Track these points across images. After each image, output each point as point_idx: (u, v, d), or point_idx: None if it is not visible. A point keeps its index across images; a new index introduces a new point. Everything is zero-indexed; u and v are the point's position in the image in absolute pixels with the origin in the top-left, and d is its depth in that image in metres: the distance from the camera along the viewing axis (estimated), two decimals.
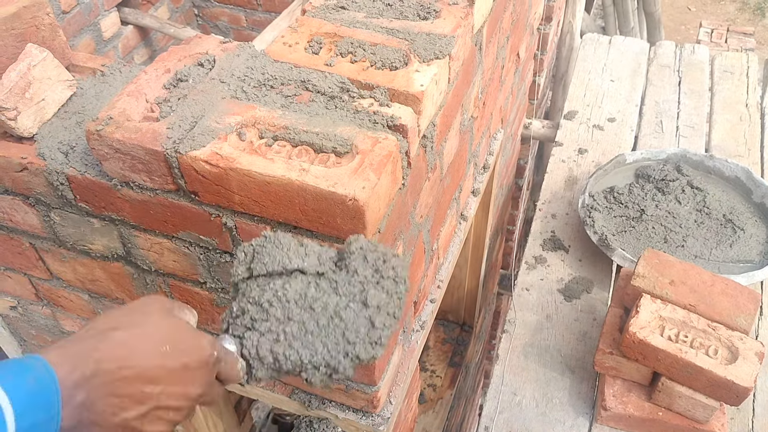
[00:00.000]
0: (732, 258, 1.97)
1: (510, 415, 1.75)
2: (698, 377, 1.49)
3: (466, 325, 2.79)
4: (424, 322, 1.42)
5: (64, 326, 1.50)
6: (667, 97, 2.73)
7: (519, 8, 1.81)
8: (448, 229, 1.53)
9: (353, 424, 1.27)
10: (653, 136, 2.56)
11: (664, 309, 1.56)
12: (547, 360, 1.86)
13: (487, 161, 1.86)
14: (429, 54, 1.08)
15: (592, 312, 1.97)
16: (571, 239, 2.19)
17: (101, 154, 1.00)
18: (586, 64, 2.92)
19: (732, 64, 2.89)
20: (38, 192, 1.13)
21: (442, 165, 1.31)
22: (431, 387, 2.64)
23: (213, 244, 1.06)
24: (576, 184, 2.39)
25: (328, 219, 0.91)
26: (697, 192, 2.13)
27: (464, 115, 1.39)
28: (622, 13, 4.83)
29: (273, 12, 3.14)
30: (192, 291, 1.19)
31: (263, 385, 1.32)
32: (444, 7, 1.18)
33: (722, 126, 2.60)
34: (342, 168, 0.90)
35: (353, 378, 1.15)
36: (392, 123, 0.98)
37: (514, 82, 2.05)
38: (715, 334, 1.52)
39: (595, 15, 5.61)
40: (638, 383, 1.65)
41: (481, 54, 1.41)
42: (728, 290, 1.61)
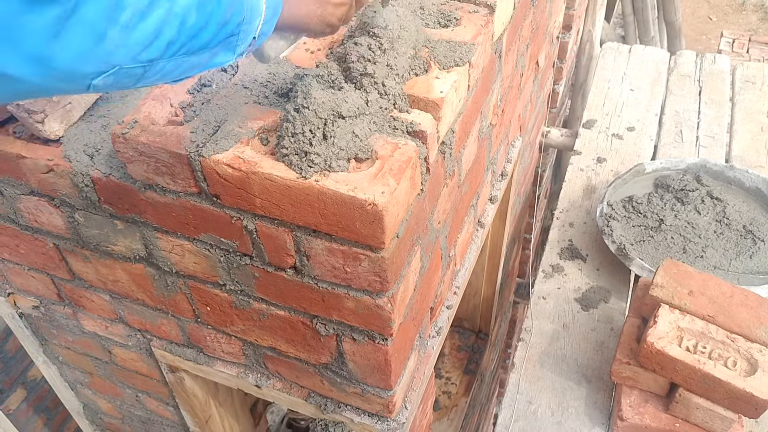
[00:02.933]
0: (752, 269, 1.95)
1: (525, 423, 1.74)
2: (716, 389, 1.48)
3: (481, 333, 2.79)
4: (440, 328, 1.43)
5: (85, 326, 1.52)
6: (687, 107, 2.71)
7: (539, 16, 1.82)
8: (465, 236, 1.54)
9: (368, 428, 1.28)
10: (673, 146, 2.54)
11: (682, 320, 1.55)
12: (563, 369, 1.85)
13: (505, 169, 1.86)
14: (449, 61, 1.09)
15: (609, 322, 1.96)
16: (588, 248, 2.18)
17: (126, 156, 1.02)
18: (606, 73, 2.92)
19: (753, 74, 2.87)
20: (63, 193, 1.15)
21: (461, 171, 1.31)
22: (446, 394, 2.64)
23: (233, 247, 1.08)
24: (594, 193, 2.38)
25: (347, 223, 0.92)
26: (717, 202, 2.11)
27: (483, 122, 1.40)
28: (642, 22, 4.81)
29: None
30: (212, 293, 1.21)
31: (277, 388, 1.33)
32: (464, 14, 1.19)
33: (743, 136, 2.58)
34: (362, 173, 0.91)
35: None
36: (412, 129, 0.99)
37: (533, 90, 2.06)
38: (734, 346, 1.51)
39: (615, 24, 5.58)
40: (655, 394, 1.64)
41: (501, 62, 1.42)
42: (748, 302, 1.59)
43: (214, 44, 0.69)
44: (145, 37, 0.62)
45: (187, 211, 1.06)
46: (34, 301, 1.53)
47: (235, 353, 1.34)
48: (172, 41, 0.64)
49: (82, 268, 1.33)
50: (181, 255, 1.16)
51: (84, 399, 1.92)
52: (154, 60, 0.64)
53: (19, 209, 1.25)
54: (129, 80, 0.65)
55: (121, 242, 1.20)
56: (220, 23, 0.67)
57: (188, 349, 1.41)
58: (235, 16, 0.69)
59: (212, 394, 1.67)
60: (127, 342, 1.50)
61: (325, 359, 1.21)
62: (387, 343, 1.09)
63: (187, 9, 0.64)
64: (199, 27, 0.66)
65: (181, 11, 0.63)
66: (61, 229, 1.25)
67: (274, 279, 1.09)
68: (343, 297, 1.05)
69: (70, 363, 1.75)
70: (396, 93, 1.02)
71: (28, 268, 1.42)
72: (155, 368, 1.55)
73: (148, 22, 0.61)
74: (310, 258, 1.02)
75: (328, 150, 0.92)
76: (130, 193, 1.08)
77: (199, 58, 0.69)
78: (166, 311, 1.33)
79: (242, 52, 0.74)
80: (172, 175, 1.01)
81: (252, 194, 0.96)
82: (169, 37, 0.64)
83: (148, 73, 0.65)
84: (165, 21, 0.63)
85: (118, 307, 1.40)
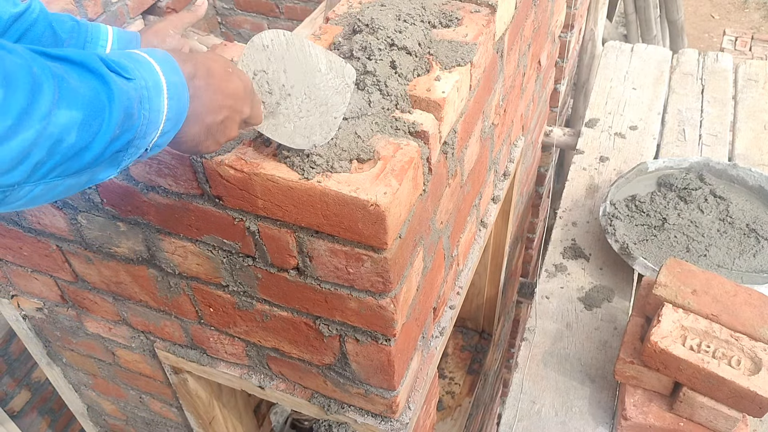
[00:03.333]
0: (755, 268, 1.95)
1: (529, 423, 1.74)
2: (720, 388, 1.48)
3: (485, 333, 2.79)
4: (443, 328, 1.42)
5: (89, 328, 1.53)
6: (690, 106, 2.71)
7: (541, 16, 1.82)
8: (468, 236, 1.54)
9: (372, 428, 1.28)
10: (675, 145, 2.54)
11: (686, 319, 1.55)
12: (566, 369, 1.85)
13: (507, 168, 1.86)
14: (451, 61, 1.08)
15: (612, 321, 1.96)
16: (591, 247, 2.18)
17: None
18: (608, 72, 2.91)
19: (756, 72, 2.86)
20: None
21: (463, 171, 1.31)
22: (450, 394, 2.64)
23: (236, 248, 1.08)
24: (597, 192, 2.38)
25: (349, 224, 0.92)
26: (720, 201, 2.11)
27: (485, 122, 1.40)
28: (644, 20, 4.80)
29: (295, 20, 3.17)
30: (214, 294, 1.21)
31: (282, 389, 1.34)
32: (466, 14, 1.19)
33: (746, 134, 2.58)
34: (364, 174, 0.91)
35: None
36: (414, 129, 0.99)
37: (535, 89, 2.05)
38: (738, 345, 1.50)
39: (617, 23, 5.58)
40: (659, 393, 1.64)
41: (503, 61, 1.42)
42: (752, 300, 1.59)
43: (97, 164, 0.62)
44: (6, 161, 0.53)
45: (189, 212, 1.06)
46: (38, 303, 1.53)
47: (239, 354, 1.34)
48: (40, 162, 0.56)
49: (85, 270, 1.33)
50: (184, 256, 1.16)
51: (88, 400, 1.92)
52: (15, 185, 0.56)
53: (22, 211, 1.26)
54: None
55: (123, 244, 1.20)
56: (106, 142, 0.60)
57: (191, 350, 1.41)
58: (126, 133, 0.63)
59: (216, 395, 1.68)
60: (131, 343, 1.50)
61: (328, 360, 1.21)
62: (390, 343, 1.09)
63: (65, 129, 0.56)
64: (80, 147, 0.58)
65: (57, 131, 0.55)
66: (64, 231, 1.25)
67: (276, 280, 1.09)
68: (346, 298, 1.05)
69: (73, 365, 1.75)
70: (398, 93, 1.02)
71: (31, 270, 1.43)
72: (159, 370, 1.56)
73: (10, 146, 0.53)
74: (313, 259, 1.02)
75: (330, 151, 0.92)
76: (132, 194, 1.08)
77: (78, 179, 0.62)
78: (169, 313, 1.33)
79: (127, 165, 0.69)
80: (174, 176, 1.01)
81: (254, 195, 0.96)
82: (37, 159, 0.55)
83: (9, 198, 0.57)
84: (35, 143, 0.54)
85: (122, 309, 1.40)
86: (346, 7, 1.21)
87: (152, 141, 0.68)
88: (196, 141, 0.77)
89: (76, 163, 0.59)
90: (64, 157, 0.57)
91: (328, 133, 0.92)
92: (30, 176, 0.56)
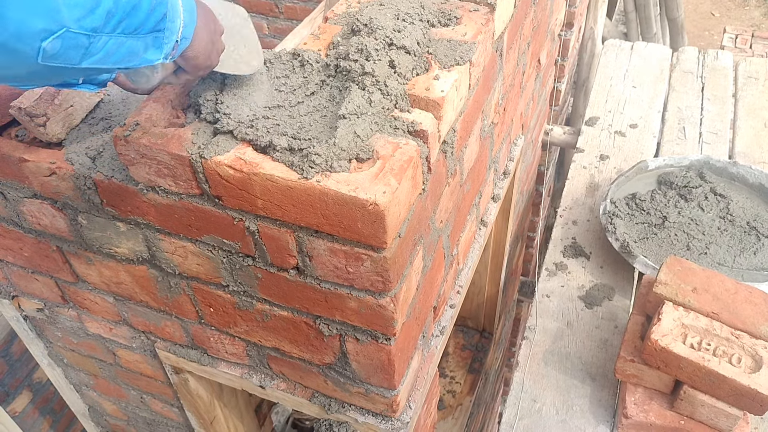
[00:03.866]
0: (756, 266, 1.95)
1: (530, 422, 1.74)
2: (721, 386, 1.48)
3: (485, 332, 2.79)
4: (443, 327, 1.43)
5: (89, 329, 1.53)
6: (690, 104, 2.71)
7: (540, 14, 1.81)
8: (468, 235, 1.54)
9: (373, 427, 1.28)
10: (676, 143, 2.54)
11: (686, 317, 1.55)
12: (567, 367, 1.85)
13: (507, 167, 1.86)
14: (450, 60, 1.08)
15: (613, 319, 1.96)
16: (592, 246, 2.18)
17: (128, 159, 1.02)
18: (608, 70, 2.91)
19: (756, 70, 2.86)
20: (66, 196, 1.16)
21: (463, 170, 1.31)
22: (450, 393, 2.64)
23: (236, 248, 1.08)
24: (597, 190, 2.38)
25: (349, 223, 0.92)
26: (721, 199, 2.11)
27: (485, 121, 1.40)
28: (644, 18, 4.80)
29: (294, 20, 3.16)
30: (215, 294, 1.21)
31: (283, 387, 1.34)
32: (465, 13, 1.19)
33: (746, 132, 2.58)
34: (363, 173, 0.91)
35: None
36: (413, 128, 0.99)
37: (534, 88, 2.05)
38: (738, 343, 1.50)
39: (617, 21, 5.57)
40: (660, 391, 1.64)
41: (502, 60, 1.42)
42: (752, 298, 1.59)
43: (146, 31, 0.75)
44: (87, 2, 0.67)
45: (189, 212, 1.06)
46: (39, 304, 1.53)
47: (239, 354, 1.34)
48: (111, 12, 0.69)
49: (85, 270, 1.33)
50: (184, 257, 1.16)
51: (89, 401, 1.92)
52: (97, 29, 0.69)
53: (22, 212, 1.26)
54: (76, 52, 0.69)
55: (123, 244, 1.20)
56: (149, 8, 0.74)
57: (192, 350, 1.41)
58: (160, 6, 0.76)
59: (217, 395, 1.68)
60: (131, 344, 1.51)
61: (329, 359, 1.21)
62: (390, 342, 1.09)
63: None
64: (133, 5, 0.72)
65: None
66: (64, 232, 1.25)
67: (276, 280, 1.09)
68: (346, 297, 1.05)
69: (74, 365, 1.75)
70: (397, 93, 1.02)
71: (31, 270, 1.43)
72: (159, 370, 1.56)
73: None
74: (313, 258, 1.02)
75: (329, 150, 0.92)
76: (132, 195, 1.08)
77: (135, 43, 0.75)
78: (169, 313, 1.33)
79: (168, 53, 0.81)
80: (174, 177, 1.01)
81: (254, 195, 0.96)
82: (108, 7, 0.69)
83: (92, 46, 0.70)
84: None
85: (122, 309, 1.40)
86: (345, 7, 1.21)
87: (179, 31, 0.81)
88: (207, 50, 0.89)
89: (133, 21, 0.73)
90: (124, 12, 0.71)
91: (258, 55, 1.03)
92: (105, 24, 0.70)
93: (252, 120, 0.97)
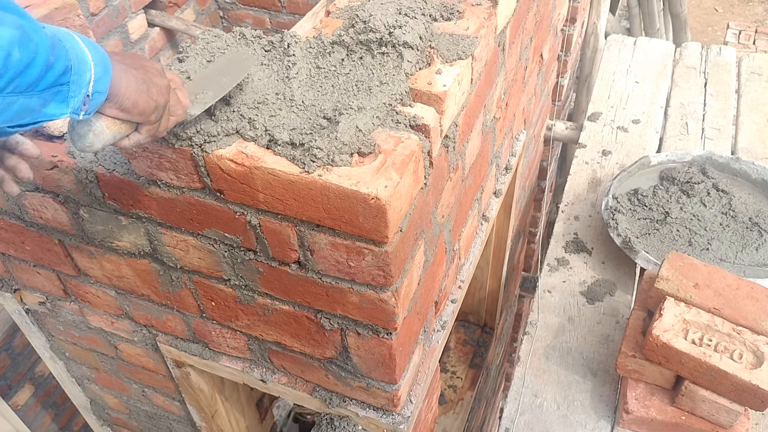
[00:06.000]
0: (758, 261, 1.95)
1: (531, 417, 1.74)
2: (722, 381, 1.48)
3: (487, 327, 2.79)
4: (445, 322, 1.43)
5: (91, 322, 1.53)
6: (693, 99, 2.70)
7: (542, 9, 1.81)
8: (469, 230, 1.54)
9: (373, 422, 1.28)
10: (678, 138, 2.53)
11: (688, 312, 1.55)
12: (568, 362, 1.85)
13: (509, 162, 1.86)
14: (452, 54, 1.08)
15: (614, 315, 1.96)
16: (594, 241, 2.17)
17: (129, 152, 1.02)
18: (611, 66, 2.90)
19: (760, 66, 2.85)
20: (68, 190, 1.16)
21: (464, 165, 1.31)
22: (452, 388, 2.64)
23: (237, 242, 1.08)
24: (599, 186, 2.37)
25: (350, 217, 0.92)
26: (723, 195, 2.10)
27: (487, 116, 1.40)
28: (647, 14, 4.78)
29: (297, 14, 3.16)
30: (216, 288, 1.21)
31: (284, 382, 1.34)
32: (467, 7, 1.18)
33: (749, 128, 2.57)
34: (365, 167, 0.91)
35: None
36: (415, 123, 0.99)
37: (537, 83, 2.05)
38: (740, 338, 1.50)
39: (620, 16, 5.56)
40: (661, 387, 1.64)
41: (504, 55, 1.41)
42: (754, 294, 1.59)
43: (43, 87, 0.70)
44: None
45: (190, 206, 1.06)
46: (41, 298, 1.53)
47: (241, 348, 1.34)
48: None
49: (87, 264, 1.33)
50: (186, 250, 1.16)
51: (91, 394, 1.93)
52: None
53: (24, 206, 1.26)
54: None
55: (125, 238, 1.21)
56: (45, 65, 0.69)
57: (194, 344, 1.41)
58: (60, 61, 0.71)
59: (218, 388, 1.68)
60: (133, 337, 1.51)
61: (330, 354, 1.21)
62: (391, 337, 1.09)
63: (10, 44, 0.65)
64: (26, 63, 0.67)
65: (5, 44, 0.65)
66: (66, 226, 1.26)
67: (278, 274, 1.10)
68: (347, 291, 1.05)
69: (76, 359, 1.75)
70: (399, 87, 1.02)
71: (33, 264, 1.43)
72: (161, 363, 1.56)
73: None
74: (314, 252, 1.02)
75: (330, 144, 0.92)
76: (134, 188, 1.08)
77: (30, 100, 0.70)
78: (171, 307, 1.33)
79: (77, 108, 0.75)
80: (175, 170, 1.01)
81: (255, 189, 0.96)
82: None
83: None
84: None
85: (124, 303, 1.41)
86: (347, 1, 1.21)
87: (90, 84, 0.75)
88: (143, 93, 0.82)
89: (26, 79, 0.68)
90: (16, 71, 0.66)
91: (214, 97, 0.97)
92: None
93: (252, 115, 0.97)
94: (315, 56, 1.06)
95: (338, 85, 1.02)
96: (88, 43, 0.76)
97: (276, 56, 1.05)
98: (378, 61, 1.04)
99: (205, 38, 1.06)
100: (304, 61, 1.05)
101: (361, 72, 1.03)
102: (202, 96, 0.94)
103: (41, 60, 0.68)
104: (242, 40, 1.07)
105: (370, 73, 1.02)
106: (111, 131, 0.82)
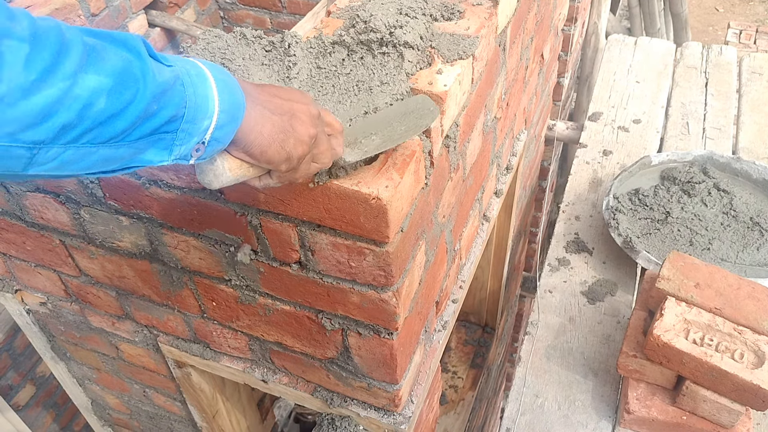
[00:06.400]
0: (759, 261, 1.95)
1: (532, 417, 1.74)
2: (723, 381, 1.48)
3: (488, 327, 2.79)
4: (446, 322, 1.43)
5: (92, 322, 1.53)
6: (694, 99, 2.70)
7: (543, 9, 1.81)
8: (470, 230, 1.53)
9: (375, 422, 1.28)
10: (679, 138, 2.53)
11: (689, 312, 1.55)
12: (569, 362, 1.85)
13: (510, 162, 1.86)
14: (452, 54, 1.08)
15: (615, 315, 1.96)
16: (594, 241, 2.17)
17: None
18: (612, 66, 2.90)
19: (761, 65, 2.85)
20: (69, 190, 1.16)
21: (465, 165, 1.31)
22: (453, 388, 2.64)
23: (238, 242, 1.08)
24: (600, 185, 2.37)
25: (351, 218, 0.92)
26: (724, 194, 2.10)
27: (487, 116, 1.40)
28: (648, 14, 4.78)
29: (297, 14, 3.16)
30: (217, 288, 1.21)
31: (285, 382, 1.34)
32: (468, 7, 1.18)
33: (750, 128, 2.57)
34: (366, 167, 0.91)
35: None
36: None
37: (538, 83, 2.05)
38: (741, 338, 1.50)
39: (621, 16, 5.56)
40: (662, 387, 1.64)
41: (505, 54, 1.41)
42: (755, 294, 1.58)
43: (136, 137, 0.62)
44: (29, 116, 0.54)
45: (191, 206, 1.06)
46: (42, 298, 1.53)
47: (242, 348, 1.34)
48: (68, 125, 0.57)
49: (88, 264, 1.33)
50: (187, 251, 1.16)
51: (92, 395, 1.93)
52: (41, 143, 0.56)
53: (25, 206, 1.26)
54: (15, 163, 0.56)
55: (126, 238, 1.21)
56: (139, 116, 0.61)
57: (195, 344, 1.41)
58: (165, 109, 0.63)
59: (219, 389, 1.68)
60: (134, 338, 1.51)
61: (331, 354, 1.21)
62: (392, 337, 1.09)
63: (94, 93, 0.57)
64: (111, 114, 0.59)
65: (85, 95, 0.57)
66: (66, 226, 1.26)
67: (279, 274, 1.10)
68: (348, 291, 1.05)
69: (77, 359, 1.75)
70: (400, 87, 1.01)
71: (35, 264, 1.43)
72: (162, 364, 1.56)
73: (32, 101, 0.54)
74: (315, 253, 1.02)
75: None
76: (134, 189, 1.08)
77: (116, 150, 0.62)
78: (172, 307, 1.34)
79: (185, 155, 0.67)
80: (176, 170, 1.01)
81: (256, 189, 0.96)
82: (65, 120, 0.56)
83: (38, 157, 0.57)
84: (59, 101, 0.55)
85: (125, 303, 1.41)
86: (348, 0, 1.21)
87: (208, 131, 0.67)
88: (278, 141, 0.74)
89: (107, 131, 0.59)
90: (95, 122, 0.58)
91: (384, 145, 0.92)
92: (57, 137, 0.57)
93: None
94: (316, 56, 1.06)
95: (339, 85, 1.02)
96: (223, 84, 0.68)
97: (277, 56, 1.05)
98: (379, 61, 1.04)
99: (206, 38, 1.06)
100: (304, 62, 1.04)
101: (362, 72, 1.03)
102: (366, 141, 0.85)
103: (135, 110, 0.60)
104: (243, 40, 1.07)
105: (371, 73, 1.02)
106: (234, 174, 0.74)
